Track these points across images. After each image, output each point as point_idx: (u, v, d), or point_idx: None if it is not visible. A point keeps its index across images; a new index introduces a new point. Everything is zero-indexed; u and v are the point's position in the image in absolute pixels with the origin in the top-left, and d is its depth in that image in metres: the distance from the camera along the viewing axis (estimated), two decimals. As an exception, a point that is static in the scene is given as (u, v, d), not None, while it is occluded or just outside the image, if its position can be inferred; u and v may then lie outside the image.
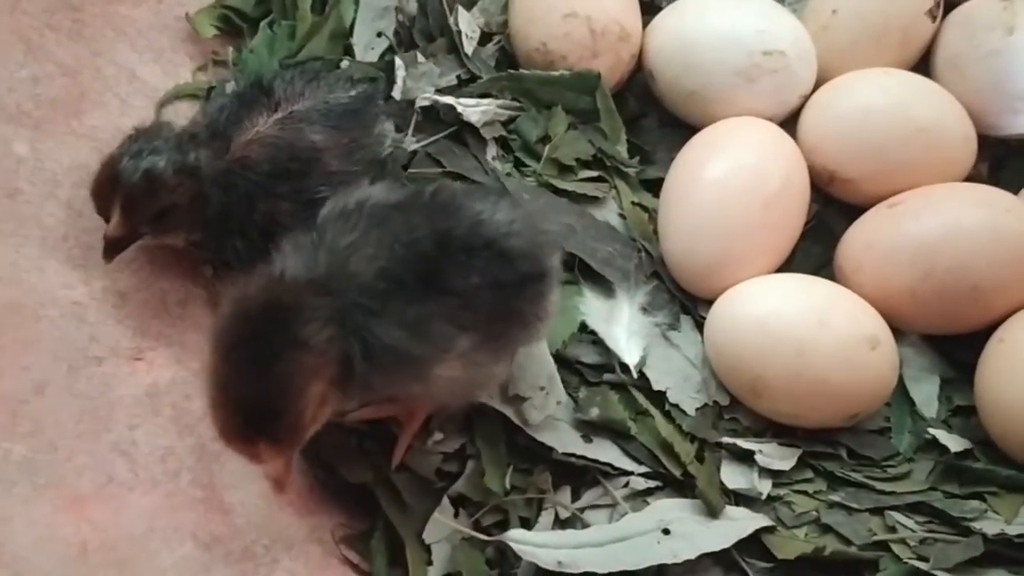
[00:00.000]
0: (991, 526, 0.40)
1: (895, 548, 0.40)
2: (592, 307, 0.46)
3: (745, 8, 0.49)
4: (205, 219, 0.42)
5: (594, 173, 0.50)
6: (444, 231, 0.36)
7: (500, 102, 0.50)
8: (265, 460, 0.34)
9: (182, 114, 0.48)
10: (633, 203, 0.49)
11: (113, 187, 0.40)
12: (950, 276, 0.44)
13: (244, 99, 0.43)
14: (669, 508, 0.41)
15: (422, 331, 0.35)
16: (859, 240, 0.46)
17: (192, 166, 0.41)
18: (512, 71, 0.51)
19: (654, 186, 0.50)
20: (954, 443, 0.42)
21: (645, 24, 0.52)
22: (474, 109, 0.49)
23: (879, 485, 0.42)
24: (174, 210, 0.41)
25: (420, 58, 0.49)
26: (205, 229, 0.42)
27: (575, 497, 0.41)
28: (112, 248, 0.41)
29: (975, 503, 0.41)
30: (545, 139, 0.50)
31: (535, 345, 0.43)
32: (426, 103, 0.48)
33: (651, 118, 0.52)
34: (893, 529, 0.40)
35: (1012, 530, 0.39)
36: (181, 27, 0.50)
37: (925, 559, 0.39)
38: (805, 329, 0.43)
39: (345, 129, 0.43)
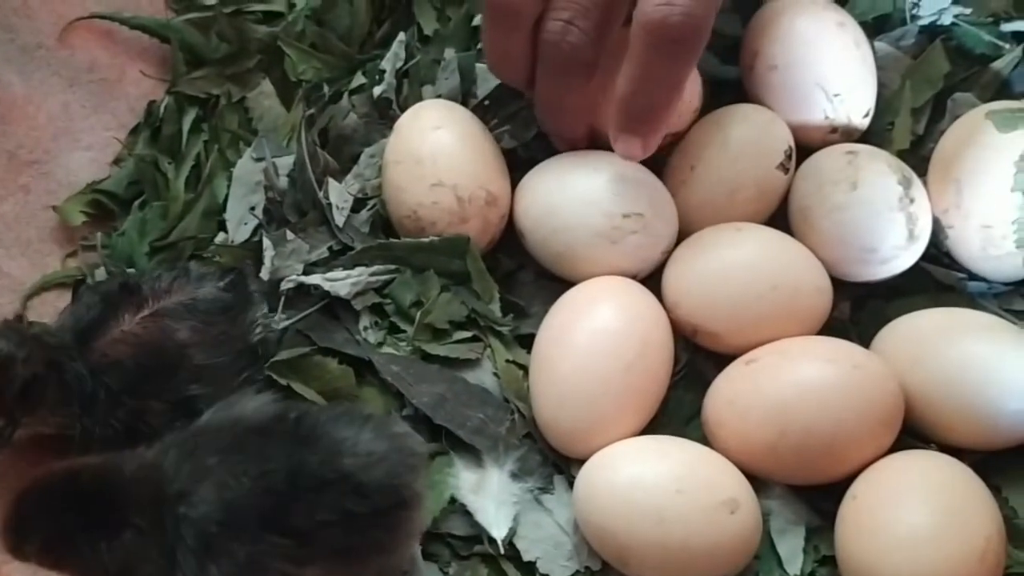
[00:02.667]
0: None
1: None
2: (462, 478, 0.47)
3: (603, 172, 0.51)
4: (72, 418, 0.42)
5: (468, 334, 0.51)
6: (297, 465, 0.37)
7: (374, 268, 0.51)
8: None
9: (50, 304, 0.49)
10: (507, 361, 0.50)
11: None
12: (805, 434, 0.45)
13: (110, 299, 0.44)
14: None
15: (256, 571, 0.35)
16: (721, 396, 0.48)
17: (56, 366, 0.42)
18: (383, 240, 0.52)
19: (530, 341, 0.51)
20: (814, 605, 0.43)
21: (517, 180, 0.54)
22: (343, 282, 0.50)
23: (745, 651, 0.42)
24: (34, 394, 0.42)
25: (289, 235, 0.51)
26: (72, 427, 0.42)
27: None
28: None
29: (836, 667, 0.42)
30: (419, 303, 0.51)
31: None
32: (291, 285, 0.49)
33: (527, 271, 0.53)
34: None
35: None
36: (49, 216, 0.50)
37: None
38: (663, 497, 0.44)
39: (212, 322, 0.44)
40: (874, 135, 0.54)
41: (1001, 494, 0.45)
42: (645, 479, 0.44)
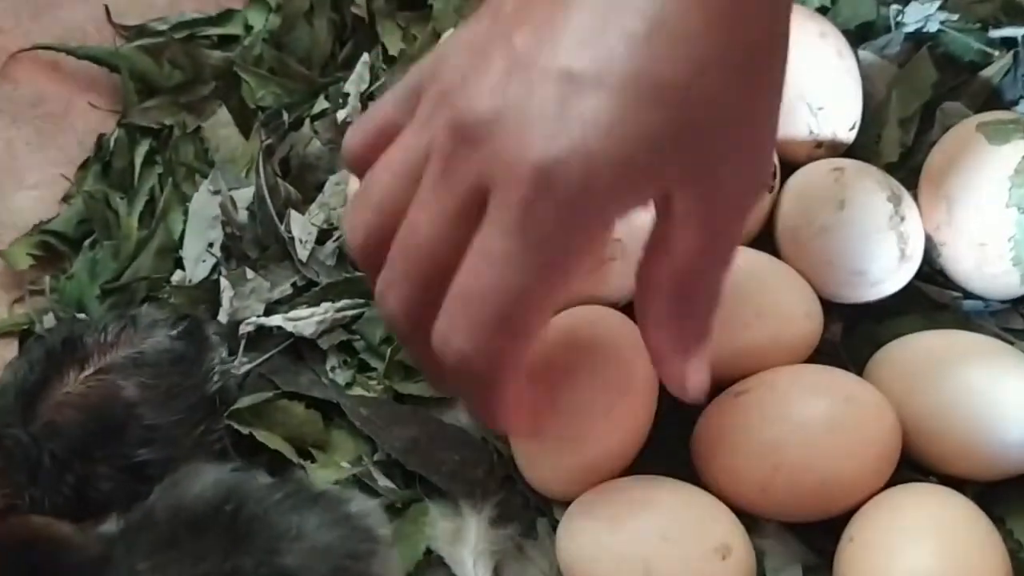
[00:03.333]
0: None
1: None
2: (438, 528, 0.44)
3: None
4: (18, 488, 0.39)
5: (440, 370, 0.49)
6: (230, 570, 0.34)
7: (341, 303, 0.49)
8: None
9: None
10: (481, 415, 0.48)
11: None
12: (797, 471, 0.42)
13: (53, 355, 0.41)
14: None
15: None
16: (709, 432, 0.45)
17: None
18: (348, 275, 0.49)
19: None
20: (812, 653, 0.41)
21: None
22: (308, 321, 0.48)
23: None
24: None
25: (249, 273, 0.48)
26: (19, 498, 0.39)
27: None
28: None
29: None
30: (390, 339, 0.48)
31: None
32: (250, 328, 0.46)
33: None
34: None
35: None
36: (-4, 262, 0.48)
37: None
38: (649, 545, 0.41)
39: (163, 375, 0.41)
40: (861, 148, 0.52)
41: (1005, 526, 0.43)
42: (629, 525, 0.42)
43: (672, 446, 0.47)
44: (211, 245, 0.49)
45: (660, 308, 0.37)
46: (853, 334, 0.49)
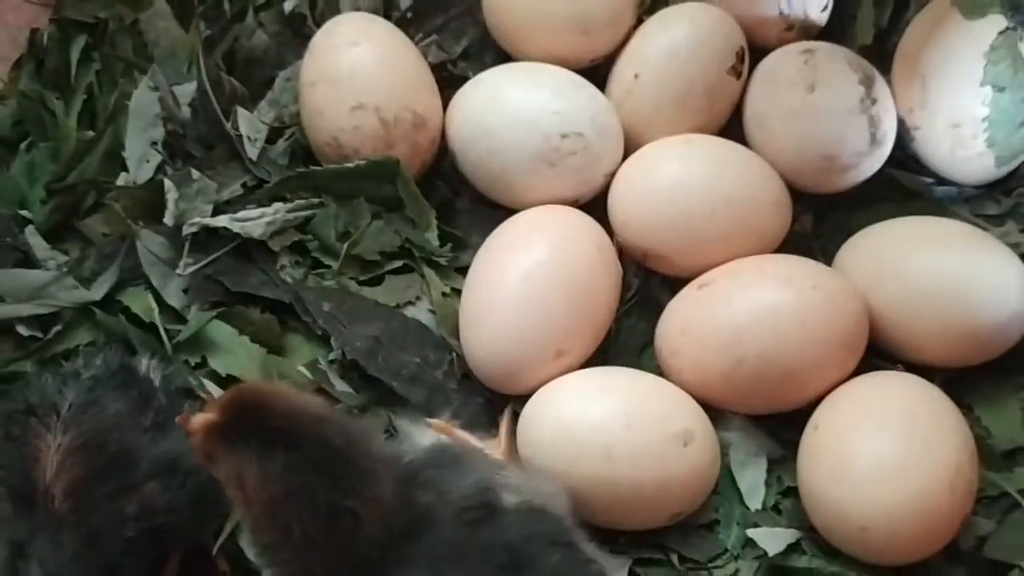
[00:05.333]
0: (812, 633, 0.38)
1: (718, 665, 0.38)
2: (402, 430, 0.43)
3: (540, 87, 0.47)
4: None
5: (400, 263, 0.47)
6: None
7: (293, 204, 0.47)
8: None
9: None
10: (445, 295, 0.47)
11: None
12: (762, 362, 0.42)
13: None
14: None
15: None
16: (673, 324, 0.45)
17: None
18: (303, 169, 0.48)
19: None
20: (774, 541, 0.41)
21: (449, 99, 0.49)
22: (257, 222, 0.46)
23: (705, 593, 0.40)
24: None
25: (195, 173, 0.46)
26: None
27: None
28: None
29: (799, 605, 0.40)
30: (347, 234, 0.47)
31: None
32: (193, 229, 0.44)
33: (464, 198, 0.50)
34: (716, 642, 0.39)
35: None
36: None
37: None
38: (610, 433, 0.41)
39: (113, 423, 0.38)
40: (834, 31, 0.50)
41: (973, 413, 0.43)
42: (590, 415, 0.41)
43: (637, 340, 0.47)
44: (154, 143, 0.47)
45: None
46: (824, 224, 0.48)
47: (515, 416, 0.43)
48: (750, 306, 0.43)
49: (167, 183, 0.45)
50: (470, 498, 0.34)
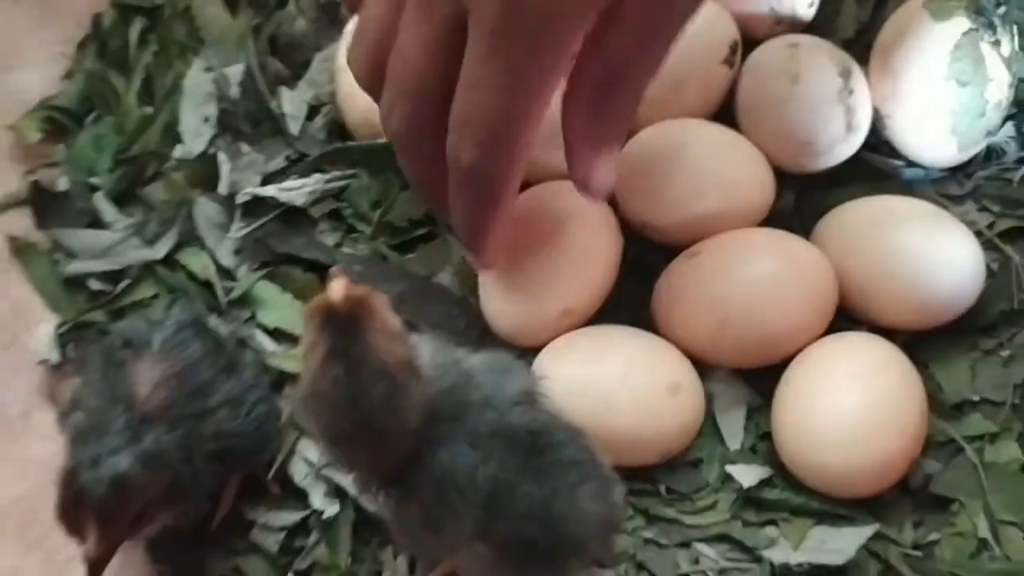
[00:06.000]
0: (780, 554, 0.44)
1: (696, 580, 0.44)
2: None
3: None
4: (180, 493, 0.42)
5: (424, 230, 0.52)
6: None
7: (330, 175, 0.52)
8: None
9: (15, 223, 0.50)
10: (464, 258, 0.52)
11: (81, 506, 0.39)
12: (742, 324, 0.47)
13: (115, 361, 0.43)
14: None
15: None
16: (666, 290, 0.50)
17: (155, 451, 0.41)
18: (339, 144, 0.53)
19: (486, 240, 0.53)
20: (749, 475, 0.46)
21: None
22: (299, 191, 0.51)
23: (688, 519, 0.46)
24: (151, 507, 0.41)
25: (244, 147, 0.51)
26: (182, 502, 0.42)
27: (412, 568, 0.45)
28: (97, 568, 0.40)
29: (769, 530, 0.45)
30: (378, 204, 0.52)
31: None
32: (246, 198, 0.50)
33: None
34: (696, 561, 0.45)
35: (796, 558, 0.43)
36: (4, 136, 0.51)
37: (721, 588, 0.44)
38: (611, 384, 0.46)
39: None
40: (820, 24, 0.54)
41: (928, 370, 0.48)
42: (593, 368, 0.47)
43: (635, 302, 0.52)
44: (207, 119, 0.52)
45: (583, 96, 0.41)
46: (804, 202, 0.53)
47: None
48: (734, 274, 0.48)
49: (220, 156, 0.51)
50: (515, 395, 0.39)
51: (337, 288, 0.36)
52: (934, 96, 0.50)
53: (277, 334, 0.49)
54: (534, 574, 0.40)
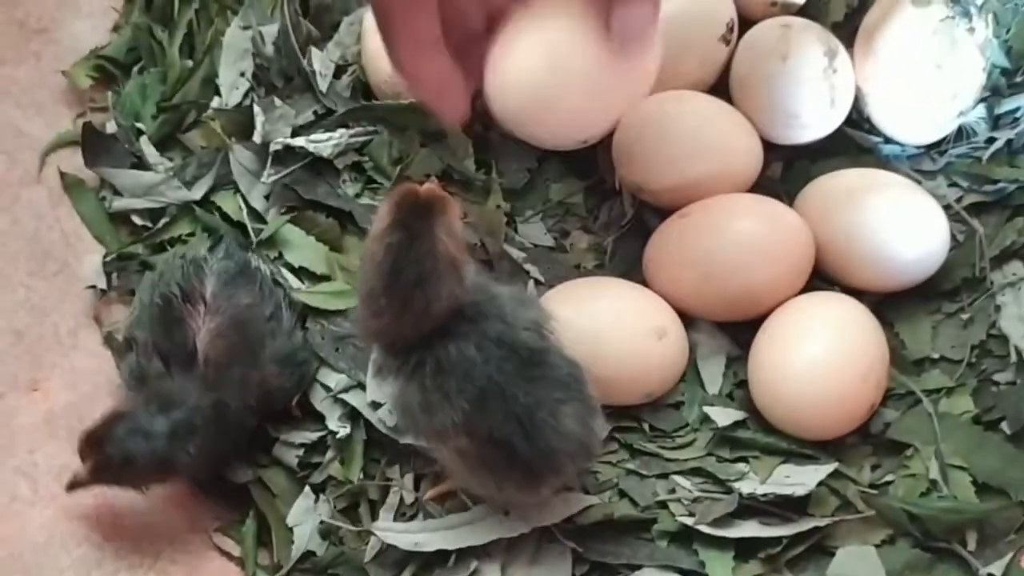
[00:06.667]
0: (748, 486, 0.49)
1: (671, 507, 0.49)
2: None
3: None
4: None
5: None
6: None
7: (354, 130, 0.57)
8: None
9: (66, 160, 0.54)
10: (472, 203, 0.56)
11: (95, 451, 0.44)
12: (726, 279, 0.52)
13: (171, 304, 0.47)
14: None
15: None
16: (658, 246, 0.55)
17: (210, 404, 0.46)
18: (365, 102, 0.57)
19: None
20: (725, 417, 0.51)
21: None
22: (326, 144, 0.56)
23: (667, 454, 0.51)
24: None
25: (277, 101, 0.56)
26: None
27: (417, 485, 0.50)
28: (75, 487, 0.45)
29: (740, 466, 0.50)
30: (399, 160, 0.57)
31: None
32: (279, 147, 0.54)
33: (494, 133, 0.58)
34: (672, 491, 0.49)
35: (762, 489, 0.48)
36: (59, 80, 0.55)
37: (694, 515, 0.48)
38: (601, 323, 0.51)
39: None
40: (812, 8, 0.58)
41: (893, 329, 0.53)
42: (588, 309, 0.51)
43: (630, 258, 0.57)
44: (243, 74, 0.57)
45: None
46: (790, 171, 0.57)
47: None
48: (720, 233, 0.52)
49: (256, 108, 0.55)
50: (527, 322, 0.44)
51: (428, 186, 0.41)
52: (912, 78, 0.54)
53: (302, 272, 0.54)
54: (510, 480, 0.44)
